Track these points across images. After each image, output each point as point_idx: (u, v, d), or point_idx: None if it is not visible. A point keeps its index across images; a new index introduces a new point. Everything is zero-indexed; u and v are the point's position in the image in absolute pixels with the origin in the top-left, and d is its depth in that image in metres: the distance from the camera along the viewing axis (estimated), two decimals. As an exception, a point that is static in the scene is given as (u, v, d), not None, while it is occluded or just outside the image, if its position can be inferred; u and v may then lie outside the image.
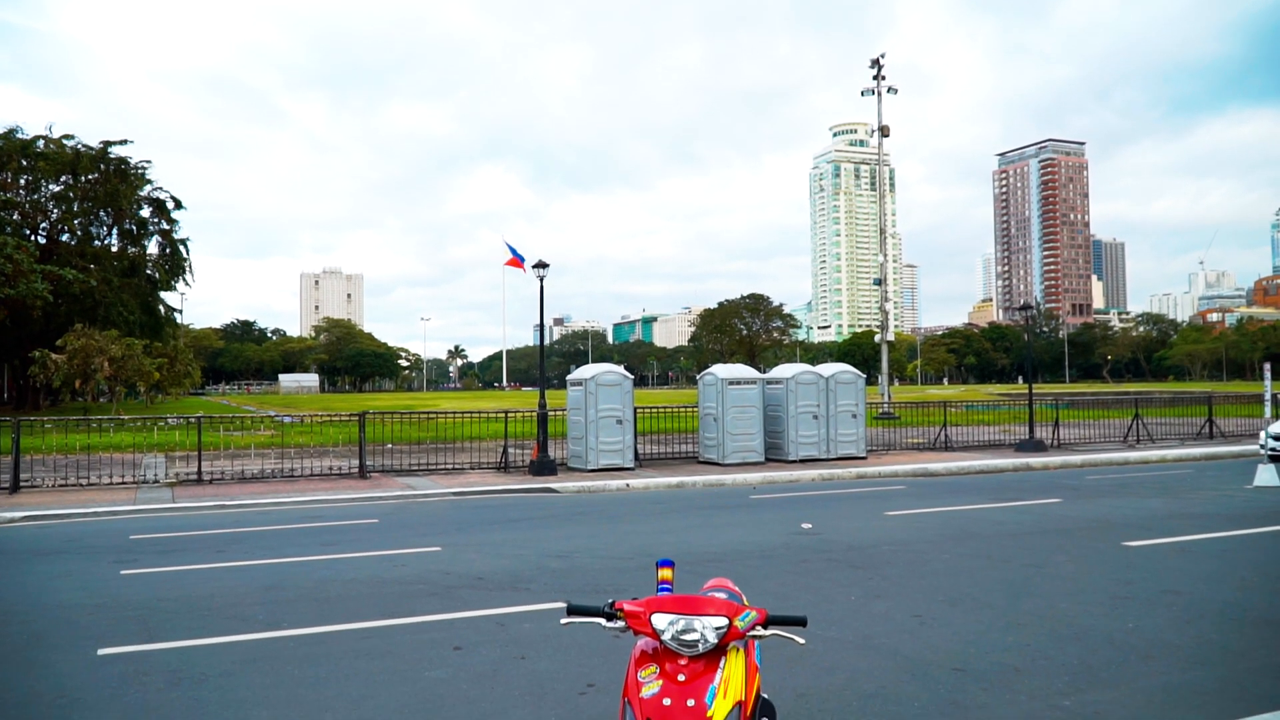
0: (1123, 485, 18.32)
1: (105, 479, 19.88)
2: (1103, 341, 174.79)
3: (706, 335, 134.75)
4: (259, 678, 6.58)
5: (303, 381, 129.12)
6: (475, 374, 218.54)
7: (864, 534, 12.56)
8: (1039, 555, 10.81)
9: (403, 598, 9.04)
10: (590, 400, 21.90)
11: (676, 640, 3.42)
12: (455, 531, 13.51)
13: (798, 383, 23.84)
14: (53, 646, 7.46)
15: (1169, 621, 7.75)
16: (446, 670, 6.69)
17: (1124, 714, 5.62)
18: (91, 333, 45.30)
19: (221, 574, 10.41)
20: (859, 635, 7.48)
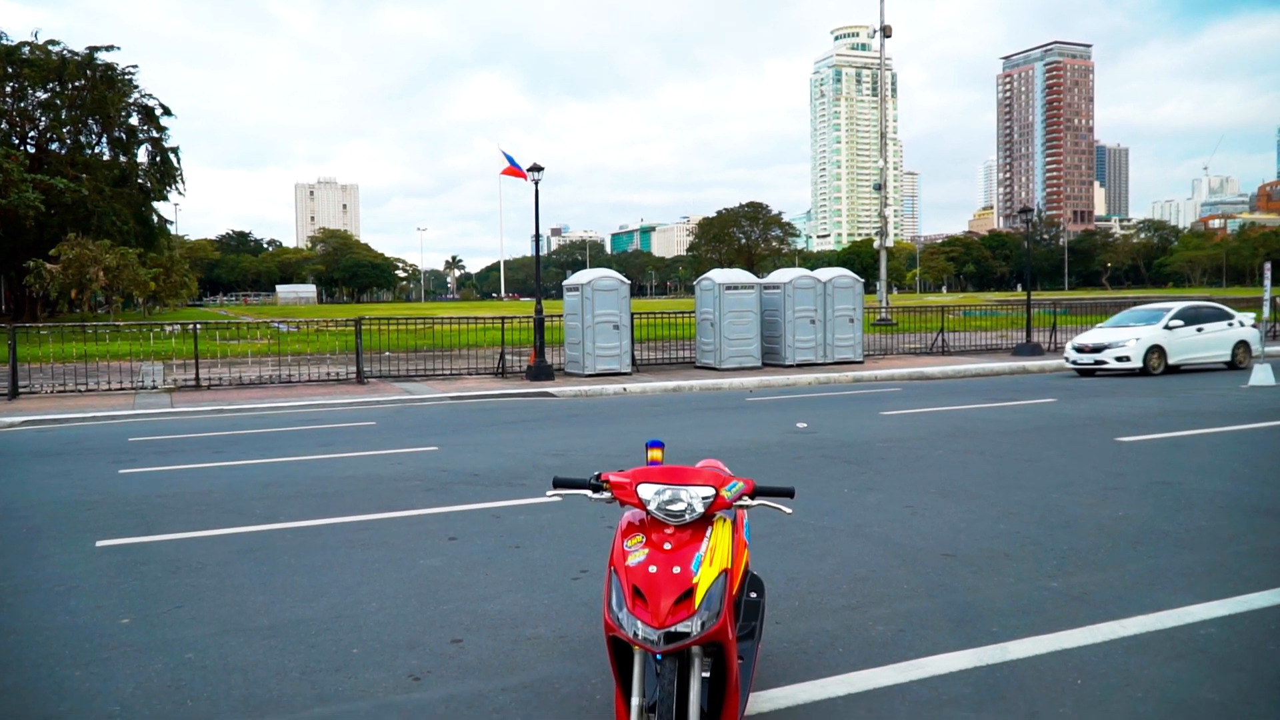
0: (1118, 386, 18.36)
1: (103, 385, 19.91)
2: (1103, 249, 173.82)
3: (705, 245, 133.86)
4: (255, 566, 6.65)
5: (300, 292, 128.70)
6: (473, 285, 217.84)
7: (859, 432, 12.62)
8: (1032, 450, 10.86)
9: (399, 493, 9.10)
10: (587, 305, 21.81)
11: (663, 510, 3.41)
12: (452, 432, 13.57)
13: (795, 287, 23.73)
14: (51, 539, 7.53)
15: (1159, 510, 7.81)
16: (441, 559, 6.75)
17: (1110, 594, 5.68)
18: (85, 242, 44.92)
19: (219, 472, 10.47)
20: (851, 524, 7.54)
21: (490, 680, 4.59)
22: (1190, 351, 21.23)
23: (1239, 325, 21.87)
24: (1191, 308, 21.97)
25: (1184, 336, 21.13)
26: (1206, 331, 21.40)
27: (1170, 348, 20.92)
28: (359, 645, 5.08)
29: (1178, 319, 21.22)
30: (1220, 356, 21.58)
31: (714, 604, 3.23)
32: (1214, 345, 21.54)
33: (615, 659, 3.49)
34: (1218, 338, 21.58)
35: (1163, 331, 20.95)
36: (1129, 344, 20.60)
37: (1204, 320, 21.59)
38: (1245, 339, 21.81)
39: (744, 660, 3.87)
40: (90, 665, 4.84)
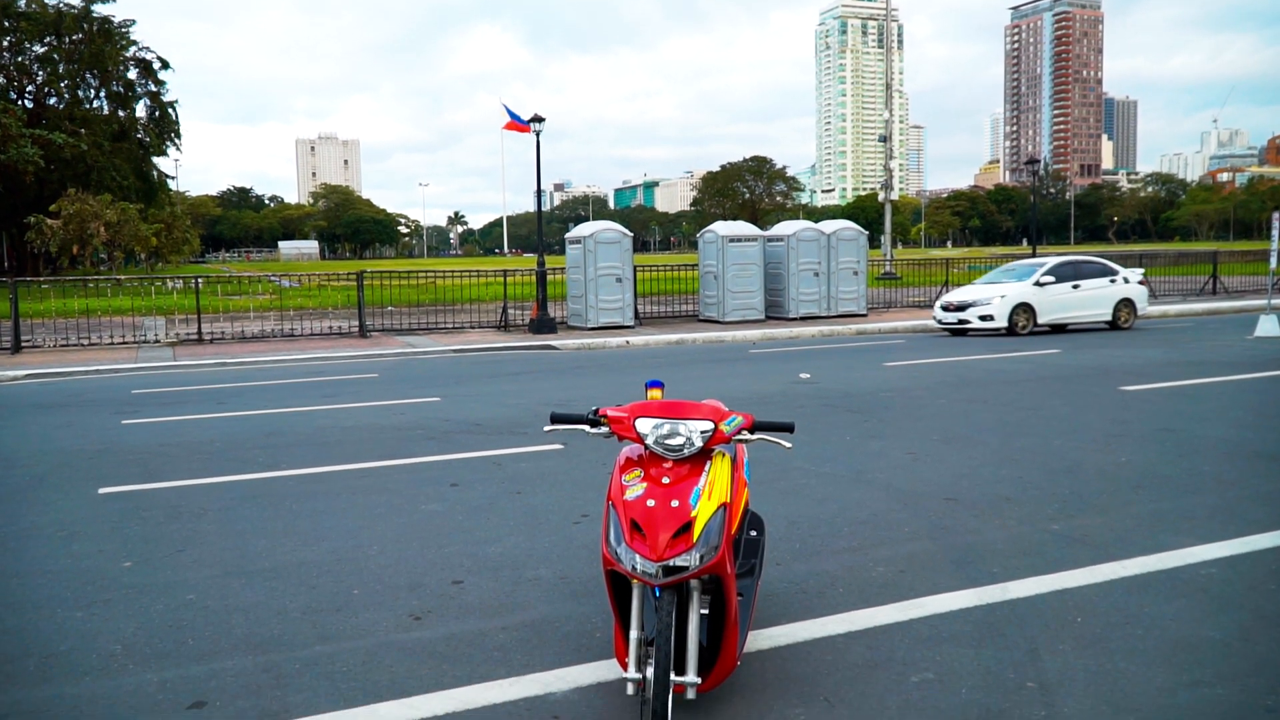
0: (1123, 337, 18.28)
1: (106, 340, 19.91)
2: (1110, 203, 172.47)
3: (708, 199, 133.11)
4: (257, 511, 6.66)
5: (302, 248, 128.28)
6: (476, 241, 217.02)
7: (862, 383, 12.59)
8: (1035, 399, 10.83)
9: (401, 442, 9.10)
10: (589, 258, 21.70)
11: (661, 444, 3.38)
12: (454, 384, 13.56)
13: (799, 239, 23.58)
14: (54, 487, 7.54)
15: (1162, 456, 7.79)
16: (443, 504, 6.76)
17: (1111, 536, 5.67)
18: (85, 198, 44.72)
19: (221, 423, 10.48)
20: (852, 470, 7.53)
21: (491, 619, 4.60)
22: (1064, 310, 19.59)
23: (1122, 282, 20.18)
24: (1068, 263, 20.44)
25: (1057, 294, 19.49)
26: (1084, 289, 19.76)
27: (1041, 306, 19.33)
28: (360, 586, 5.09)
29: (1050, 275, 19.65)
30: (1100, 316, 19.97)
31: (712, 537, 3.22)
32: (1092, 303, 19.85)
33: (614, 593, 3.48)
34: (1096, 295, 19.89)
35: (1032, 289, 19.38)
36: (993, 302, 19.11)
37: (1083, 276, 19.97)
38: (1129, 297, 20.17)
39: (743, 597, 3.87)
40: (92, 607, 4.85)
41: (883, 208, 52.26)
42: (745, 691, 3.80)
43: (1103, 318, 20.02)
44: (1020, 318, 19.14)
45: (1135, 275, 20.65)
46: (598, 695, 3.80)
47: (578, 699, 3.77)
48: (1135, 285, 20.42)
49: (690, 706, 3.65)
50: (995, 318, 19.03)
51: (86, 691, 3.90)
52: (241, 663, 4.16)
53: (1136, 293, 20.39)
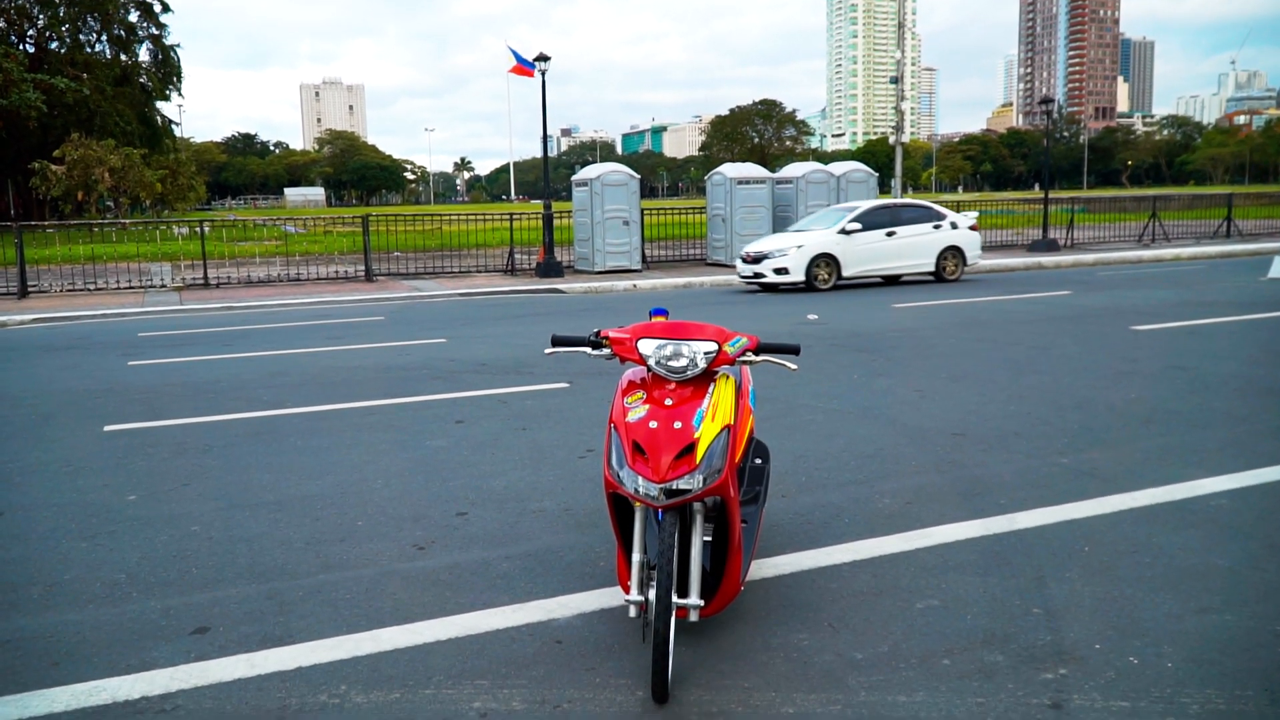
0: (1135, 279, 18.12)
1: (113, 285, 19.89)
2: (1124, 146, 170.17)
3: (717, 144, 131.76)
4: (262, 447, 6.65)
5: (309, 195, 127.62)
6: (483, 187, 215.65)
7: (870, 323, 12.50)
8: (1045, 339, 10.74)
9: (407, 381, 9.08)
10: (596, 201, 21.51)
11: (664, 365, 3.32)
12: (460, 326, 13.51)
13: (808, 182, 23.31)
14: (60, 425, 7.54)
15: (1173, 392, 7.71)
16: (448, 440, 6.74)
17: (1120, 469, 5.62)
18: (89, 143, 44.41)
19: (227, 364, 10.46)
20: (859, 407, 7.48)
21: (494, 549, 4.58)
22: (876, 261, 17.59)
23: (949, 228, 18.22)
24: (883, 208, 18.38)
25: (867, 243, 17.42)
26: (902, 236, 17.71)
27: (846, 257, 17.25)
28: (364, 518, 5.08)
29: (858, 221, 17.47)
30: (921, 266, 18.02)
31: (715, 460, 3.17)
32: (910, 253, 17.84)
33: (616, 517, 3.45)
34: (916, 243, 17.88)
35: (837, 237, 17.26)
36: (789, 253, 16.97)
37: (901, 223, 17.87)
38: (956, 244, 18.25)
39: (747, 524, 3.84)
40: (96, 538, 4.85)
41: (893, 151, 51.66)
42: (749, 617, 3.78)
43: (924, 268, 18.08)
44: (821, 271, 17.08)
45: (965, 220, 18.77)
46: (601, 621, 3.78)
47: (580, 624, 3.76)
48: (965, 232, 18.48)
49: (693, 630, 3.63)
50: (790, 271, 16.90)
51: (90, 618, 3.90)
52: (245, 591, 4.16)
53: (965, 240, 18.45)
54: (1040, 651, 3.45)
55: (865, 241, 17.44)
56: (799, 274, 16.94)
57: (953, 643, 3.54)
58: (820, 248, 17.11)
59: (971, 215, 19.33)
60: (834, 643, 3.56)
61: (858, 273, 17.48)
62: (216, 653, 3.58)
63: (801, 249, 17.02)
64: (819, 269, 17.08)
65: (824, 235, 17.38)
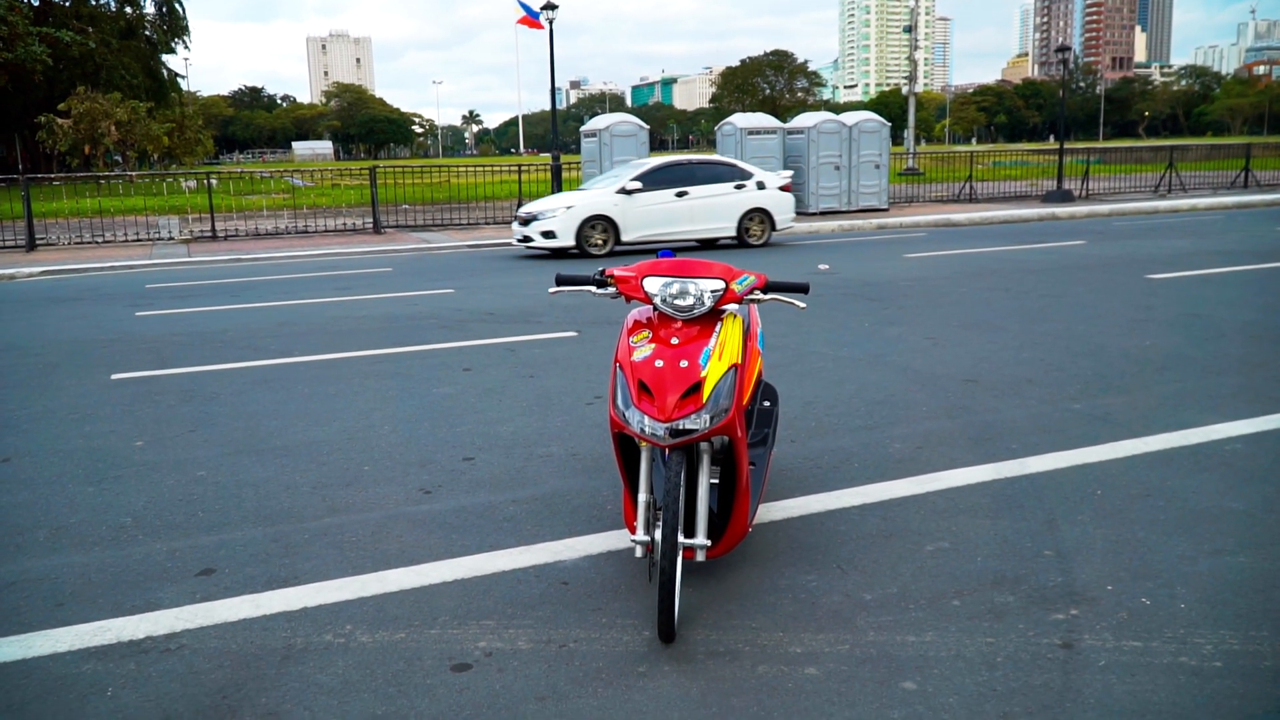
0: (1150, 229, 17.91)
1: (120, 238, 19.84)
2: (1141, 97, 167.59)
3: (728, 96, 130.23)
4: (270, 394, 6.63)
5: (317, 149, 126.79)
6: (492, 140, 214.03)
7: (881, 273, 12.39)
8: (1058, 287, 10.62)
9: (414, 330, 9.04)
10: (605, 152, 21.28)
11: (670, 304, 3.25)
12: (468, 276, 13.44)
13: (820, 132, 23.00)
14: (67, 373, 7.53)
15: (1187, 339, 7.62)
16: (455, 387, 6.70)
17: (1134, 415, 5.56)
18: (95, 96, 44.16)
19: (235, 314, 10.43)
20: (870, 354, 7.41)
21: (501, 493, 4.56)
22: (663, 224, 15.54)
23: (755, 188, 16.19)
24: (674, 164, 16.23)
25: (652, 203, 15.41)
26: (695, 197, 15.66)
27: (626, 219, 15.30)
28: (370, 463, 5.06)
29: (641, 180, 15.44)
30: (719, 230, 16.02)
31: (722, 399, 3.11)
32: (706, 215, 15.83)
33: (622, 457, 3.41)
34: (713, 205, 15.85)
35: (614, 197, 15.31)
36: (557, 214, 15.18)
37: (696, 181, 15.80)
38: (762, 207, 16.21)
39: (755, 466, 3.80)
40: (103, 482, 4.85)
41: (906, 102, 50.97)
42: (757, 558, 3.75)
43: (724, 232, 16.09)
44: (595, 235, 15.19)
45: (775, 179, 16.68)
46: (607, 563, 3.76)
47: (587, 566, 3.74)
48: (773, 193, 16.41)
49: (700, 571, 3.61)
50: (558, 235, 15.10)
51: (96, 560, 3.90)
52: (251, 534, 4.14)
53: (774, 201, 16.39)
54: (1051, 593, 3.41)
55: (650, 202, 15.40)
56: (568, 238, 15.11)
57: (962, 584, 3.50)
58: (593, 209, 15.23)
59: (784, 174, 17.26)
60: (842, 584, 3.53)
61: (640, 237, 15.44)
62: (222, 593, 3.57)
63: (571, 210, 15.19)
64: (593, 233, 15.18)
65: (598, 195, 15.56)
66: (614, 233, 15.29)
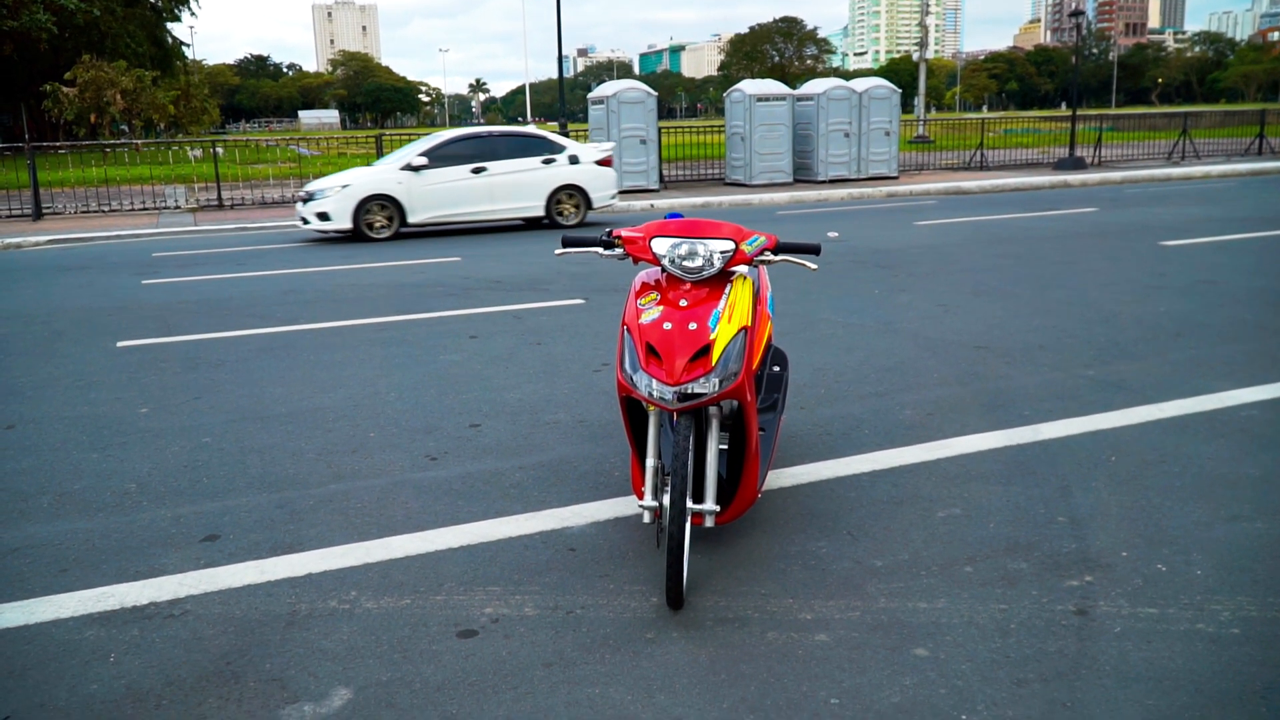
0: (1163, 196, 17.71)
1: (127, 206, 19.77)
2: (1154, 64, 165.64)
3: (736, 64, 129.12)
4: (275, 362, 6.59)
5: (323, 118, 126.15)
6: (499, 109, 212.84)
7: (891, 241, 12.27)
8: (1071, 254, 10.50)
9: (420, 298, 8.98)
10: (613, 120, 21.10)
11: (678, 265, 3.19)
12: (475, 245, 13.35)
13: (829, 99, 22.76)
14: (73, 340, 7.50)
15: (1201, 306, 7.52)
16: (461, 355, 6.66)
17: (1148, 381, 5.48)
18: (100, 65, 43.92)
19: (241, 282, 10.39)
20: (880, 321, 7.34)
21: (507, 460, 4.52)
22: (458, 204, 14.12)
23: (566, 163, 14.63)
24: (471, 137, 14.75)
25: (444, 181, 13.99)
26: (496, 173, 14.21)
27: (413, 199, 13.85)
28: (376, 430, 5.02)
29: (430, 155, 14.02)
30: (525, 209, 14.52)
31: (732, 362, 3.06)
32: (508, 193, 14.36)
33: (630, 422, 3.36)
34: (517, 181, 14.36)
35: (398, 174, 13.86)
36: (331, 193, 13.76)
37: (498, 156, 14.31)
38: (575, 183, 14.68)
39: (765, 432, 3.75)
40: (107, 449, 4.82)
41: (916, 69, 50.48)
42: (766, 525, 3.71)
43: (530, 212, 14.58)
44: (376, 216, 13.79)
45: (592, 152, 15.09)
46: (615, 529, 3.72)
47: (594, 532, 3.70)
48: (589, 167, 14.85)
49: (709, 537, 3.57)
50: (333, 216, 13.68)
51: (99, 526, 3.88)
52: (256, 500, 4.11)
53: (589, 177, 14.82)
54: (1065, 559, 3.36)
55: (441, 180, 13.98)
56: (344, 220, 13.67)
57: (975, 550, 3.46)
58: (373, 188, 13.77)
59: (604, 146, 15.66)
60: (853, 550, 3.49)
61: (431, 219, 14.09)
62: (226, 560, 3.55)
63: (347, 189, 13.75)
64: (373, 214, 13.77)
65: (379, 172, 14.12)
66: (399, 214, 13.89)
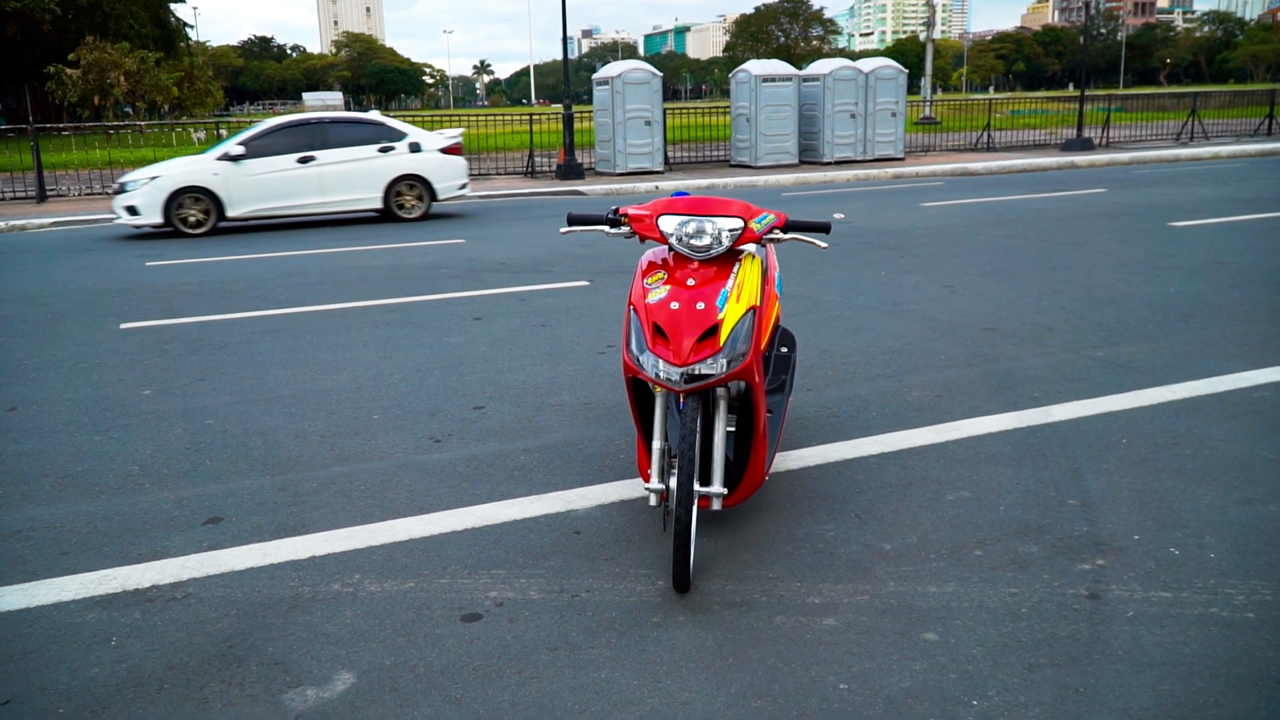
0: (1172, 177, 17.57)
1: (130, 188, 19.69)
2: (1163, 44, 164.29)
3: (742, 44, 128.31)
4: (279, 344, 6.56)
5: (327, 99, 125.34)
6: (503, 91, 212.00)
7: (898, 222, 12.18)
8: (1079, 235, 10.42)
9: (425, 279, 8.93)
10: (617, 100, 20.97)
11: (686, 243, 3.13)
12: (479, 226, 13.29)
13: (835, 79, 22.60)
14: (76, 322, 7.47)
15: (1212, 287, 7.45)
16: (465, 336, 6.62)
17: (1159, 362, 5.43)
18: (104, 46, 43.76)
19: (245, 264, 10.35)
20: (887, 303, 7.28)
21: (512, 442, 4.48)
22: (283, 196, 13.15)
23: (406, 151, 13.69)
24: (299, 124, 13.67)
25: (267, 171, 12.97)
26: (326, 162, 13.23)
27: (232, 191, 12.86)
28: (380, 412, 4.99)
29: (249, 144, 12.97)
30: (360, 201, 13.55)
31: (740, 343, 3.01)
32: (340, 184, 13.37)
33: (636, 404, 3.32)
34: (351, 171, 13.39)
35: (215, 165, 12.87)
36: (141, 185, 12.78)
37: (329, 145, 13.34)
38: (417, 172, 13.71)
39: (772, 414, 3.70)
40: (110, 431, 4.79)
41: (923, 50, 50.13)
42: (773, 508, 3.67)
43: (365, 204, 13.62)
44: (190, 210, 12.81)
45: (436, 140, 14.09)
46: (620, 512, 3.69)
47: (600, 515, 3.66)
48: (433, 155, 13.88)
49: (716, 520, 3.53)
50: (141, 210, 12.70)
51: (102, 509, 3.85)
52: (259, 482, 4.09)
53: (432, 166, 13.87)
54: (1077, 542, 3.32)
55: (264, 170, 12.98)
56: (154, 214, 12.70)
57: (985, 534, 3.42)
58: (185, 179, 12.81)
59: (451, 134, 14.58)
60: (861, 533, 3.45)
61: (253, 212, 13.09)
62: (229, 542, 3.52)
63: (155, 181, 12.79)
64: (186, 208, 12.80)
65: (193, 163, 13.22)
66: (217, 208, 12.93)
